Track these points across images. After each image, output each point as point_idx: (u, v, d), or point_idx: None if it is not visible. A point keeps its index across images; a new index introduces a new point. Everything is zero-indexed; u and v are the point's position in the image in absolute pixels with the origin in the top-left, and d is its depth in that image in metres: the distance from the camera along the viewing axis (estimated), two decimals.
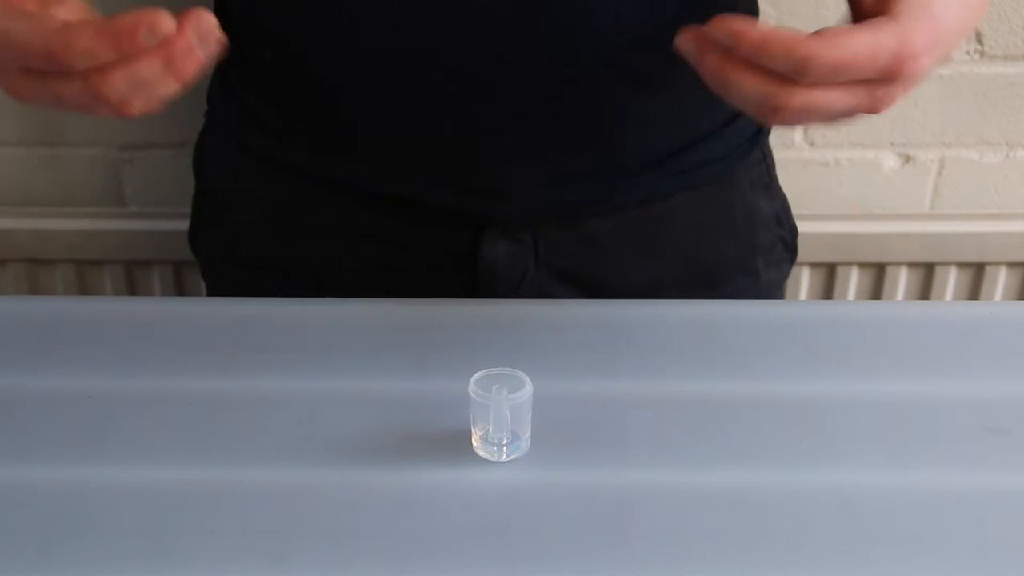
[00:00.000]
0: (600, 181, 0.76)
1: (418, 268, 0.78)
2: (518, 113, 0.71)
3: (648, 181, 0.77)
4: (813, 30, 0.55)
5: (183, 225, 1.17)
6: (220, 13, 0.80)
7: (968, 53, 1.12)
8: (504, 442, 0.58)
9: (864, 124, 1.14)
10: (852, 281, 1.20)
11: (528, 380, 0.57)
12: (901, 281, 1.20)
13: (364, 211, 0.78)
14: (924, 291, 1.21)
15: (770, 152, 0.86)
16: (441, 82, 0.70)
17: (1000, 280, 1.20)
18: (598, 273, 0.79)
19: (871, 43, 0.54)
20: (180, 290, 1.21)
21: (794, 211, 0.88)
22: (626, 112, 0.74)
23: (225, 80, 0.82)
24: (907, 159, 1.17)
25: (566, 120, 0.73)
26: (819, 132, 1.15)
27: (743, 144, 0.81)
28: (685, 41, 0.57)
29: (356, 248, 0.79)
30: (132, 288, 1.20)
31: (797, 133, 1.14)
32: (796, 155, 1.15)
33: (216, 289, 0.87)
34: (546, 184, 0.75)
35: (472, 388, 0.57)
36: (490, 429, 0.58)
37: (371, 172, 0.76)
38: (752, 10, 0.80)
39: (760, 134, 0.83)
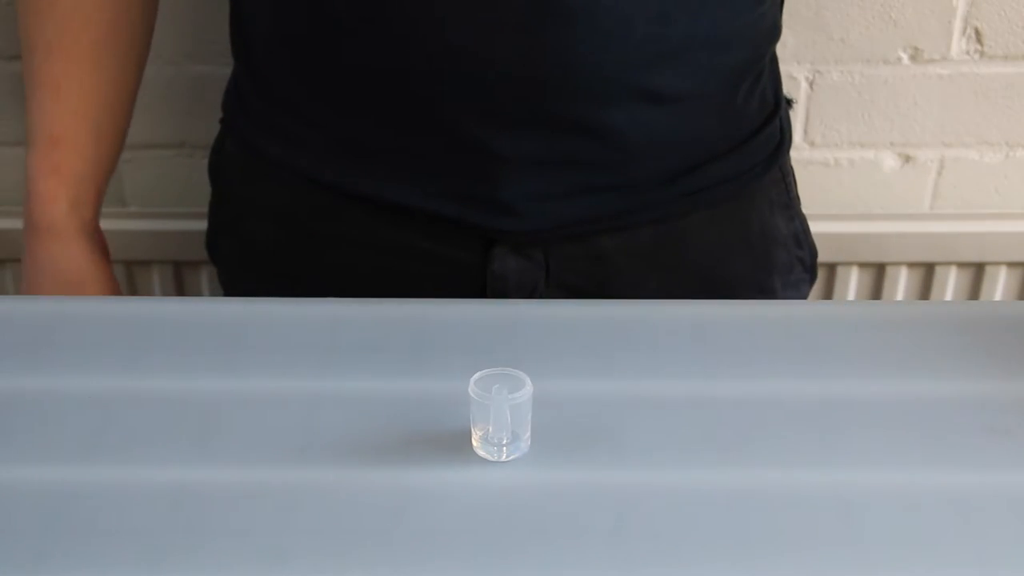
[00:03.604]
0: (611, 198, 0.76)
1: (429, 282, 0.77)
2: (525, 127, 0.71)
3: (661, 199, 0.77)
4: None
5: (183, 225, 1.17)
6: (235, 22, 0.80)
7: (968, 53, 1.12)
8: (504, 442, 0.58)
9: (864, 124, 1.14)
10: (852, 281, 1.20)
11: (528, 380, 0.57)
12: (901, 281, 1.20)
13: (375, 222, 0.77)
14: (924, 291, 1.21)
15: (791, 171, 0.85)
16: (449, 94, 0.70)
17: (1000, 280, 1.20)
18: (610, 290, 0.78)
19: None
20: (180, 290, 1.21)
21: None
22: (637, 129, 0.73)
23: (239, 88, 0.82)
24: (907, 159, 1.17)
25: (575, 135, 0.72)
26: (819, 132, 1.15)
27: (761, 163, 0.80)
28: None
29: (368, 260, 0.79)
30: (132, 288, 1.20)
31: (797, 133, 1.14)
32: (796, 155, 1.15)
33: (232, 293, 0.87)
34: (555, 200, 0.75)
35: (472, 388, 0.57)
36: (490, 429, 0.58)
37: (380, 181, 0.76)
38: (774, 27, 0.79)
39: (779, 154, 0.82)
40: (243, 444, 0.60)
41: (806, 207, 0.89)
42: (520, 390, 0.57)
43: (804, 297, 0.87)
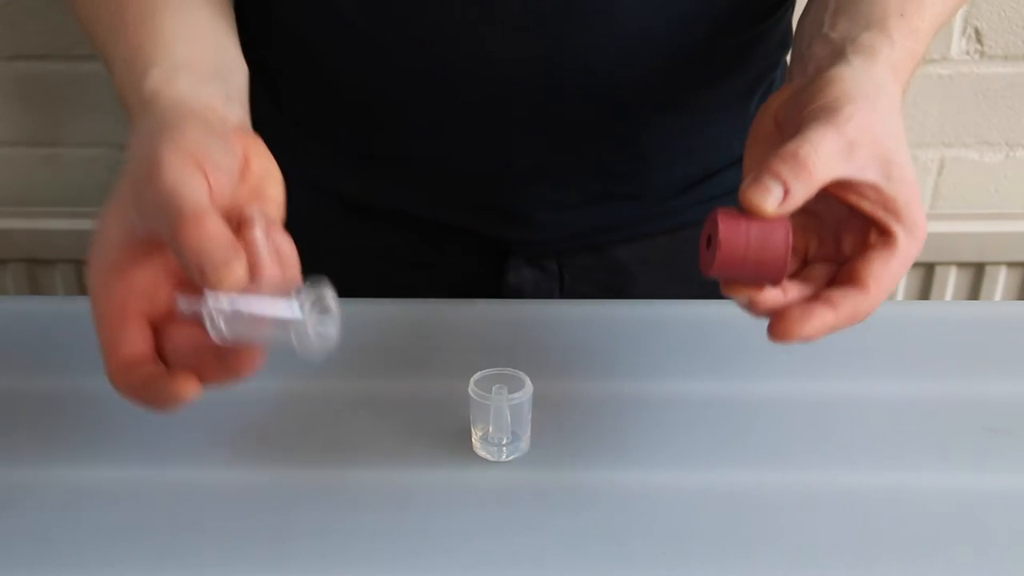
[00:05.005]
0: (626, 207, 0.75)
1: (444, 293, 0.77)
2: (540, 135, 0.70)
3: (676, 208, 0.76)
4: None
5: None
6: (244, 29, 0.80)
7: (968, 53, 1.12)
8: (504, 442, 0.58)
9: None
10: None
11: (528, 380, 0.58)
12: (901, 281, 1.20)
13: (389, 231, 0.77)
14: (924, 291, 1.21)
15: None
16: (463, 103, 0.70)
17: (1000, 280, 1.20)
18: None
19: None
20: None
21: None
22: (652, 138, 0.72)
23: (251, 99, 0.81)
24: None
25: (590, 144, 0.72)
26: None
27: None
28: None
29: (381, 271, 0.78)
30: None
31: None
32: None
33: None
34: (570, 209, 0.74)
35: (472, 388, 0.57)
36: (490, 429, 0.58)
37: (392, 191, 0.75)
38: (788, 33, 0.78)
39: None
40: (243, 444, 0.60)
41: None
42: (520, 390, 0.57)
43: None
